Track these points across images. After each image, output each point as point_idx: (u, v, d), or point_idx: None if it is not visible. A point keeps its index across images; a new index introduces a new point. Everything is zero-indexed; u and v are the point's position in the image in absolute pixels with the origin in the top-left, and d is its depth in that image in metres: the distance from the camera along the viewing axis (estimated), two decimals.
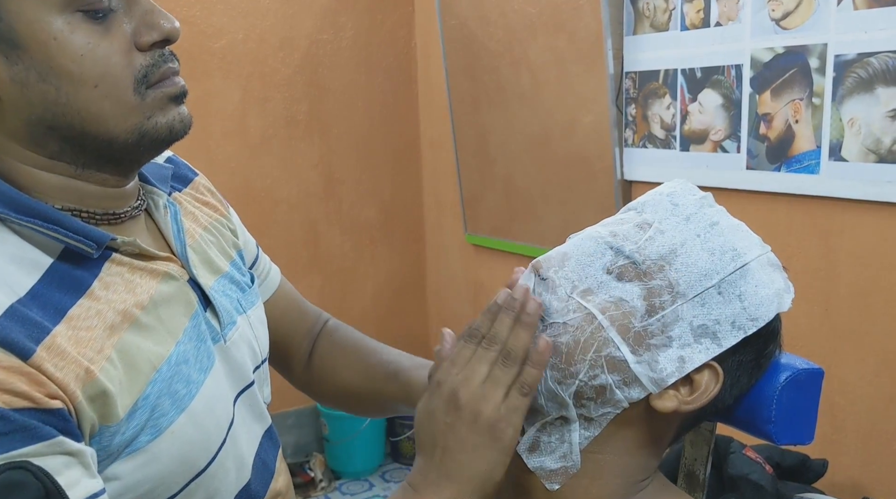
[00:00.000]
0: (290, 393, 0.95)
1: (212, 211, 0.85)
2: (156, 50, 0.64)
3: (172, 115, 0.66)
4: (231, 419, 0.72)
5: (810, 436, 0.69)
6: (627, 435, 0.62)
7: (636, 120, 2.00)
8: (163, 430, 0.63)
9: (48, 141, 0.62)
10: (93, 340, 0.60)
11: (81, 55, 0.60)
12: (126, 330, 0.63)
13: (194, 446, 0.66)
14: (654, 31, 1.91)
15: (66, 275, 0.62)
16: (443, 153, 2.78)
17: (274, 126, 2.60)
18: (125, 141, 0.63)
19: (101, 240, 0.63)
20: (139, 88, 0.63)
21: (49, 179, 0.64)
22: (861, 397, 1.61)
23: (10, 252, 0.60)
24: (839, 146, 1.56)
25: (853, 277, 1.60)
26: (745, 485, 1.46)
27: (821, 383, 0.68)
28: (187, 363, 0.67)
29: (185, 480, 0.66)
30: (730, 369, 0.63)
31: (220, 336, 0.73)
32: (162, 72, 0.64)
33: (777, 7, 1.63)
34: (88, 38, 0.60)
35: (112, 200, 0.68)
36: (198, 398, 0.67)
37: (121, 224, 0.69)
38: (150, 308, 0.66)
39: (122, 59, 0.62)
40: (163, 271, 0.69)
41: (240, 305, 0.79)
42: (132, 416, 0.61)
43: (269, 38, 2.54)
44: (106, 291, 0.64)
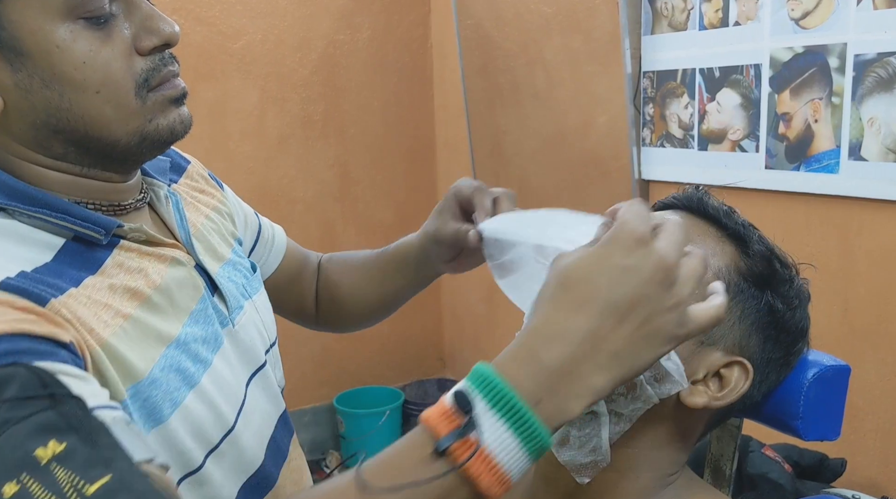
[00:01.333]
0: (306, 391, 0.97)
1: (209, 198, 0.87)
2: (156, 54, 0.66)
3: (173, 117, 0.67)
4: (243, 401, 0.74)
5: (837, 432, 0.69)
6: (657, 430, 0.63)
7: (654, 119, 2.01)
8: (178, 404, 0.65)
9: (53, 143, 0.64)
10: (107, 306, 0.62)
11: (83, 62, 0.61)
12: (138, 307, 0.65)
13: (206, 422, 0.68)
14: (673, 30, 1.91)
15: (79, 254, 0.64)
16: (458, 153, 2.79)
17: (291, 126, 2.62)
18: (127, 143, 0.65)
19: (108, 226, 0.65)
20: (140, 92, 0.64)
21: (55, 176, 0.66)
22: (880, 397, 1.60)
23: (22, 235, 0.62)
24: (859, 146, 1.55)
25: (872, 277, 1.59)
26: (764, 484, 1.46)
27: (847, 379, 0.69)
28: (195, 342, 0.69)
29: (201, 456, 0.68)
30: (759, 366, 0.63)
31: (229, 320, 0.75)
32: (162, 75, 0.66)
33: (796, 6, 1.63)
34: (90, 45, 0.61)
35: (117, 193, 0.70)
36: (206, 376, 0.69)
37: (126, 215, 0.71)
38: (162, 289, 0.68)
39: (122, 65, 0.63)
40: (171, 257, 0.71)
41: (245, 291, 0.81)
42: (154, 382, 0.63)
43: (287, 39, 2.56)
44: (118, 270, 0.66)
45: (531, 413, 0.47)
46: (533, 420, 0.47)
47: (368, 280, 1.03)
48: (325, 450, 2.76)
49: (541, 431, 0.47)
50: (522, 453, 0.47)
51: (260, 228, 0.97)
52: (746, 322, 0.63)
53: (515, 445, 0.47)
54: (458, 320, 2.99)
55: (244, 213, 0.95)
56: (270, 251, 0.99)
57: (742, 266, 0.63)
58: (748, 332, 0.63)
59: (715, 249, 0.64)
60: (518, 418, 0.47)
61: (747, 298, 0.63)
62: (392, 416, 2.71)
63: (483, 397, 0.47)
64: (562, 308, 0.49)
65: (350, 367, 2.84)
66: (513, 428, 0.47)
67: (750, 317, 0.63)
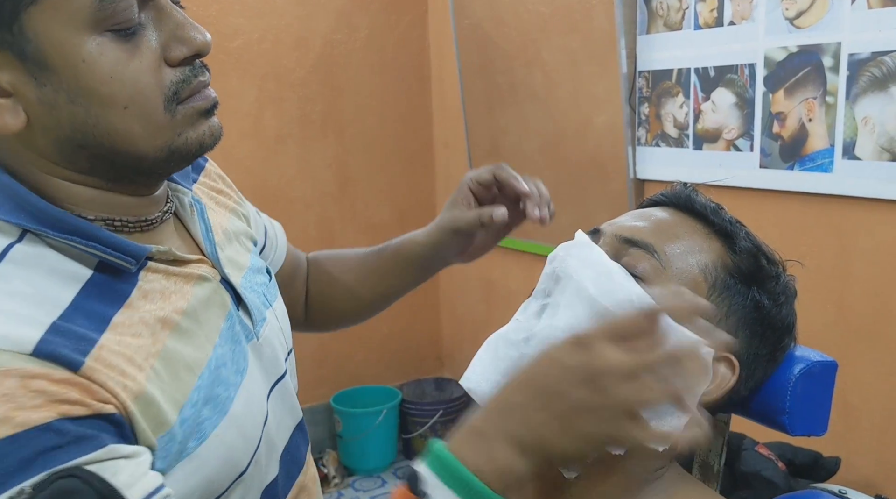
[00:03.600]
0: (303, 390, 0.97)
1: (226, 199, 0.85)
2: (186, 65, 0.62)
3: (203, 130, 0.64)
4: (266, 416, 0.72)
5: (824, 427, 0.70)
6: None
7: (649, 119, 2.01)
8: (207, 435, 0.63)
9: (78, 158, 0.62)
10: (139, 347, 0.60)
11: (111, 77, 0.58)
12: (168, 336, 0.63)
13: (236, 448, 0.66)
14: (668, 30, 1.92)
15: (105, 285, 0.61)
16: (456, 153, 2.80)
17: (289, 126, 2.62)
18: (155, 158, 0.63)
19: (138, 254, 0.63)
20: (169, 106, 0.61)
21: (81, 191, 0.64)
22: (875, 395, 1.61)
23: (49, 265, 0.59)
24: (853, 145, 1.56)
25: (867, 276, 1.60)
26: (758, 482, 1.46)
27: (834, 374, 0.69)
28: (225, 367, 0.67)
29: (228, 481, 0.66)
30: (746, 362, 0.64)
31: (254, 334, 0.73)
32: (193, 87, 0.63)
33: (791, 6, 1.64)
34: (118, 58, 0.58)
35: (144, 207, 0.68)
36: (237, 401, 0.67)
37: (153, 230, 0.69)
38: (190, 313, 0.66)
39: (151, 79, 0.60)
40: (197, 275, 0.68)
41: (266, 300, 0.79)
42: (183, 422, 0.61)
43: (285, 39, 2.56)
44: (145, 300, 0.63)
45: (475, 481, 0.51)
46: (478, 486, 0.51)
47: (366, 277, 1.02)
48: (322, 449, 2.76)
49: (485, 493, 0.51)
50: None
51: (266, 230, 0.95)
52: (733, 318, 0.63)
53: None
54: (457, 320, 3.00)
55: (256, 223, 0.92)
56: (275, 250, 0.96)
57: (729, 263, 0.64)
58: (735, 328, 0.63)
59: (702, 245, 0.64)
60: (464, 486, 0.51)
61: (734, 295, 0.63)
62: (389, 415, 2.72)
63: (433, 469, 0.53)
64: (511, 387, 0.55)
65: (347, 366, 2.85)
66: (457, 493, 0.51)
67: (736, 313, 0.63)
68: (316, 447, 2.78)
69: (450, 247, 0.96)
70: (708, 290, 0.63)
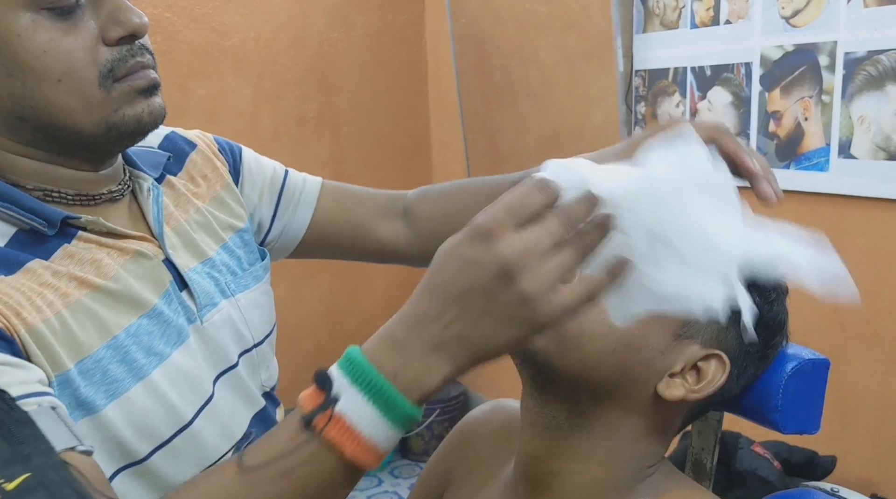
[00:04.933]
0: (299, 389, 0.96)
1: (210, 186, 0.85)
2: (123, 45, 0.65)
3: (141, 108, 0.67)
4: (209, 397, 0.73)
5: (816, 425, 0.69)
6: (635, 422, 0.63)
7: (646, 118, 2.01)
8: (117, 395, 0.65)
9: (21, 130, 0.65)
10: (43, 294, 0.62)
11: (44, 51, 0.61)
12: (84, 295, 0.65)
13: (153, 416, 0.67)
14: (664, 29, 1.92)
15: (29, 243, 0.65)
16: (453, 152, 2.79)
17: (285, 124, 2.62)
18: (93, 133, 0.66)
19: (53, 217, 0.65)
20: (104, 82, 0.64)
21: (24, 163, 0.67)
22: (870, 394, 1.61)
23: None
24: (849, 144, 1.56)
25: (862, 275, 1.59)
26: (753, 481, 1.46)
27: (826, 372, 0.69)
28: (150, 335, 0.68)
29: (146, 449, 0.67)
30: (737, 359, 0.64)
31: (197, 317, 0.74)
32: (129, 66, 0.66)
33: (787, 5, 1.64)
34: (51, 34, 0.62)
35: (87, 183, 0.70)
36: (159, 370, 0.68)
37: (95, 206, 0.71)
38: (115, 280, 0.68)
39: (86, 55, 0.63)
40: (134, 249, 0.70)
41: (227, 289, 0.79)
42: (84, 373, 0.63)
43: (281, 37, 2.56)
44: (68, 260, 0.66)
45: (387, 383, 0.51)
46: (388, 389, 0.50)
47: None
48: None
49: (398, 399, 0.51)
50: (384, 421, 0.51)
51: (282, 189, 0.93)
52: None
53: (374, 413, 0.51)
54: None
55: (263, 179, 0.92)
56: (297, 207, 0.94)
57: None
58: (725, 325, 0.63)
59: None
60: (373, 388, 0.51)
61: None
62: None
63: (344, 374, 0.52)
64: (422, 292, 0.53)
65: None
66: (370, 397, 0.51)
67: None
68: None
69: None
70: None
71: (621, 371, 0.61)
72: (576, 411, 0.63)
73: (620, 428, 0.63)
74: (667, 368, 0.61)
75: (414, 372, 0.51)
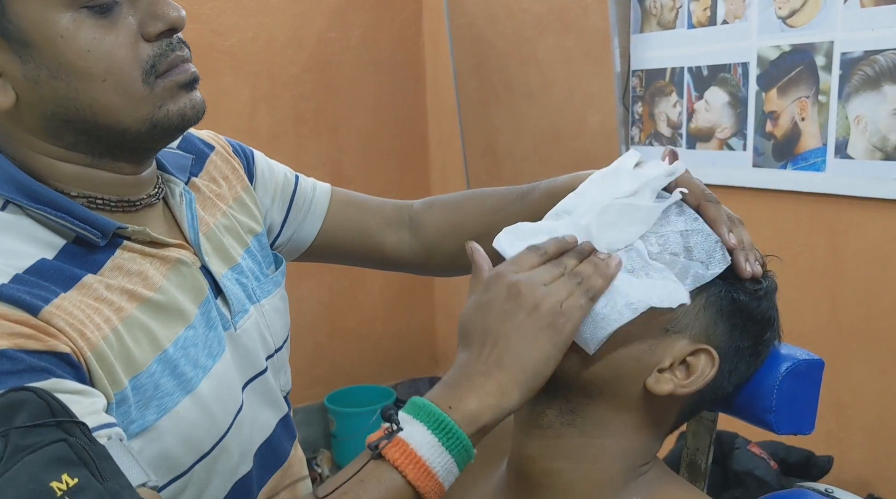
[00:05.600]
0: (297, 390, 0.96)
1: (231, 187, 0.85)
2: (163, 39, 0.65)
3: (184, 103, 0.67)
4: (239, 406, 0.73)
5: (810, 426, 0.70)
6: (626, 419, 0.63)
7: (643, 118, 2.01)
8: (168, 410, 0.65)
9: (64, 133, 0.64)
10: (100, 309, 0.62)
11: (87, 51, 0.61)
12: (135, 308, 0.65)
13: (199, 428, 0.67)
14: (661, 29, 1.92)
15: (79, 255, 0.64)
16: (451, 152, 2.79)
17: (283, 124, 2.61)
18: (137, 131, 0.65)
19: (106, 228, 0.65)
20: (148, 79, 0.64)
21: (66, 168, 0.66)
22: (868, 394, 1.61)
23: (25, 232, 0.63)
24: (845, 144, 1.56)
25: (859, 275, 1.60)
26: (750, 481, 1.46)
27: (821, 373, 0.69)
28: (196, 347, 0.68)
29: (189, 461, 0.68)
30: (727, 355, 0.64)
31: (231, 324, 0.74)
32: (170, 61, 0.65)
33: (783, 5, 1.64)
34: (93, 33, 0.61)
35: (128, 187, 0.70)
36: (205, 382, 0.68)
37: (136, 212, 0.70)
38: (161, 291, 0.68)
39: (128, 52, 0.63)
40: (174, 258, 0.70)
41: (253, 295, 0.79)
42: (136, 389, 0.63)
43: (279, 37, 2.56)
44: (118, 273, 0.66)
45: (443, 414, 0.56)
46: (444, 418, 0.56)
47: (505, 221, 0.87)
48: (316, 449, 2.76)
49: (454, 428, 0.55)
50: (442, 448, 0.55)
51: (294, 195, 0.93)
52: (711, 310, 0.63)
53: (433, 440, 0.55)
54: (451, 318, 3.00)
55: (275, 183, 0.91)
56: (307, 214, 0.94)
57: None
58: (714, 320, 0.63)
59: None
60: (432, 418, 0.56)
61: (710, 286, 0.63)
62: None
63: (407, 411, 0.57)
64: (461, 348, 0.60)
65: (342, 365, 2.84)
66: (429, 426, 0.56)
67: (714, 305, 0.63)
68: (310, 447, 2.77)
69: None
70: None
71: (610, 367, 0.61)
72: (567, 409, 0.63)
73: (611, 425, 0.63)
74: (656, 363, 0.61)
75: (468, 407, 0.56)
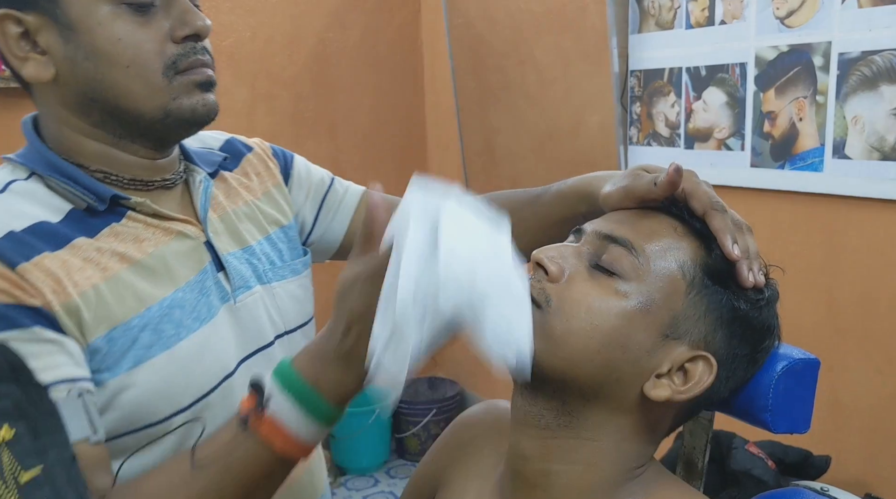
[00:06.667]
0: None
1: (262, 182, 0.92)
2: (188, 43, 0.74)
3: (196, 100, 0.75)
4: (229, 372, 0.78)
5: (806, 425, 0.70)
6: (623, 422, 0.63)
7: (641, 118, 2.01)
8: (143, 361, 0.71)
9: (92, 111, 0.73)
10: (84, 269, 0.69)
11: (119, 39, 0.70)
12: (124, 269, 0.72)
13: (175, 384, 0.73)
14: (659, 29, 1.92)
15: (81, 221, 0.72)
16: (449, 153, 2.79)
17: (281, 124, 2.61)
18: (152, 117, 0.73)
19: (104, 194, 0.73)
20: (167, 73, 0.72)
21: (89, 145, 0.75)
22: (865, 394, 1.61)
23: (39, 198, 0.72)
24: (843, 144, 1.56)
25: (857, 275, 1.60)
26: (748, 480, 1.46)
27: (817, 372, 0.69)
28: (182, 309, 0.74)
29: (166, 413, 0.73)
30: (725, 362, 0.63)
31: (231, 297, 0.80)
32: (190, 61, 0.74)
33: (781, 5, 1.64)
34: (127, 26, 0.71)
35: (143, 169, 0.78)
36: (186, 342, 0.74)
37: (148, 191, 0.78)
38: (155, 256, 0.75)
39: (154, 47, 0.72)
40: (177, 230, 0.78)
41: (263, 276, 0.85)
42: (112, 341, 0.69)
43: (277, 37, 2.56)
44: (113, 238, 0.73)
45: (308, 386, 0.62)
46: (310, 392, 0.61)
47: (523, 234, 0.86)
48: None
49: (320, 402, 0.62)
50: (308, 419, 0.62)
51: (325, 196, 1.00)
52: (711, 317, 0.63)
53: (299, 414, 0.61)
54: None
55: (310, 183, 0.98)
56: (336, 214, 1.00)
57: (705, 263, 0.63)
58: (713, 327, 0.63)
59: (680, 244, 0.64)
60: (298, 392, 0.62)
61: (711, 294, 0.63)
62: (381, 415, 2.72)
63: (275, 380, 0.62)
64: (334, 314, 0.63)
65: None
66: (296, 400, 0.62)
67: (714, 312, 0.63)
68: None
69: None
70: (686, 287, 0.62)
71: (608, 371, 0.61)
72: (564, 411, 0.63)
73: (608, 428, 0.63)
74: (654, 368, 0.61)
75: (332, 378, 0.62)
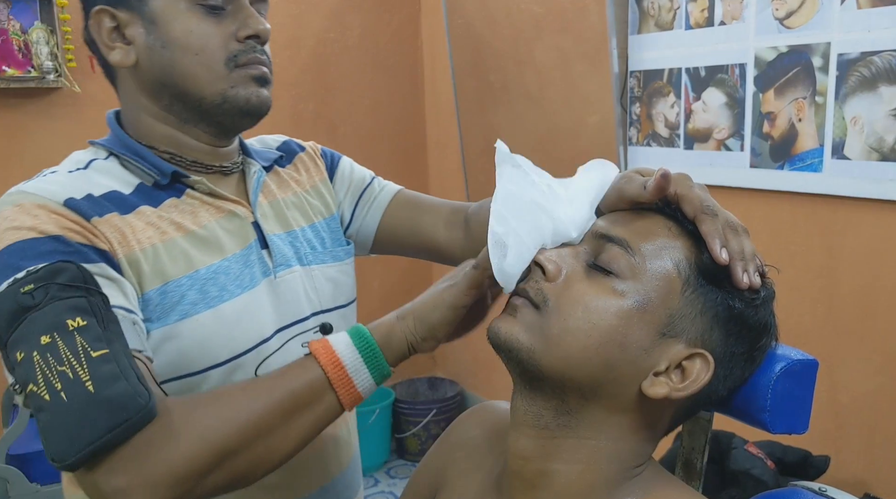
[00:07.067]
0: None
1: (311, 178, 1.02)
2: (249, 42, 0.84)
3: (251, 91, 0.85)
4: (265, 338, 0.86)
5: (805, 426, 0.70)
6: (621, 421, 0.63)
7: (640, 119, 2.01)
8: (189, 315, 0.80)
9: (163, 95, 0.84)
10: (146, 230, 0.80)
11: (191, 31, 0.81)
12: (179, 236, 0.82)
13: (215, 341, 0.81)
14: (659, 30, 1.92)
15: (148, 193, 0.84)
16: (449, 152, 2.80)
17: (281, 124, 2.60)
18: (212, 101, 0.83)
19: (166, 170, 0.84)
20: (228, 64, 0.83)
21: (159, 127, 0.86)
22: (864, 394, 1.61)
23: (115, 173, 0.84)
24: (842, 145, 1.56)
25: (856, 275, 1.60)
26: (747, 480, 1.47)
27: (815, 373, 0.69)
28: (227, 276, 0.84)
29: (203, 365, 0.81)
30: (723, 360, 0.64)
31: (272, 272, 0.89)
32: (249, 58, 0.84)
33: (781, 6, 1.64)
34: (199, 21, 0.82)
35: (204, 154, 0.88)
36: (228, 305, 0.83)
37: (207, 174, 0.88)
38: (208, 229, 0.85)
39: (220, 41, 0.82)
40: (228, 209, 0.88)
41: (304, 258, 0.94)
42: (164, 294, 0.79)
43: (277, 37, 2.54)
44: (173, 209, 0.84)
45: (374, 341, 0.72)
46: (374, 346, 0.72)
47: None
48: None
49: (379, 354, 0.72)
50: (364, 367, 0.71)
51: (363, 192, 1.08)
52: (708, 316, 0.63)
53: (348, 342, 0.72)
54: None
55: (352, 180, 1.08)
56: (370, 209, 1.09)
57: (700, 263, 0.64)
58: (710, 325, 0.63)
59: (676, 243, 0.64)
60: (363, 341, 0.72)
61: (707, 293, 0.63)
62: (382, 414, 2.72)
63: (347, 333, 0.73)
64: None
65: None
66: (357, 344, 0.72)
67: (710, 311, 0.63)
68: None
69: None
70: (682, 286, 0.63)
71: (606, 369, 0.61)
72: (562, 410, 0.63)
73: (606, 427, 0.63)
74: (651, 366, 0.62)
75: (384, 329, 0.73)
